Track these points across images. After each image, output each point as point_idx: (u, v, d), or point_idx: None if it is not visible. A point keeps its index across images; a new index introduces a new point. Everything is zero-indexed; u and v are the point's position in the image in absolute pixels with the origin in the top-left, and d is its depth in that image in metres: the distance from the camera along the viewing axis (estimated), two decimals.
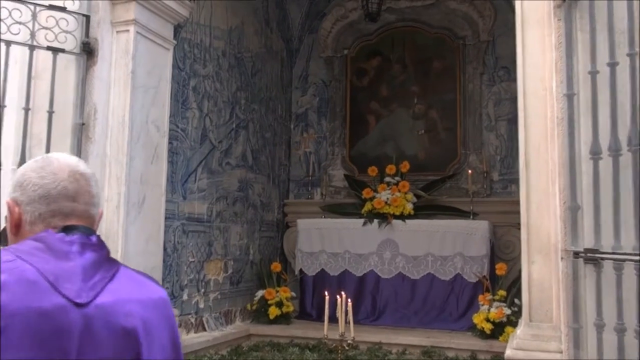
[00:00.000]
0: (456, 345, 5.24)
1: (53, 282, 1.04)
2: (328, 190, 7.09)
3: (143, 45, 4.10)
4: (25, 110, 3.54)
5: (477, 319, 5.39)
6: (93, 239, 1.14)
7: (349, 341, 3.90)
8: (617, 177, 2.39)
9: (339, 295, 3.94)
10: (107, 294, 1.09)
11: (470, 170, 6.53)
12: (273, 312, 5.92)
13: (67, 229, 1.14)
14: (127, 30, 3.99)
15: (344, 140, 7.29)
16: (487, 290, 5.64)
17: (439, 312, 5.97)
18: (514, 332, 3.48)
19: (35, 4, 3.54)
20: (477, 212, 6.29)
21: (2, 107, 3.40)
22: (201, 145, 5.48)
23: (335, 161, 7.29)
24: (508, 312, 5.30)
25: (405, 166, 6.68)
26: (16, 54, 3.56)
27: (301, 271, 6.46)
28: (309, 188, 7.27)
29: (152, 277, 1.25)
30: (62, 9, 3.67)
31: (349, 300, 3.93)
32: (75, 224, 1.15)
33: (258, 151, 6.62)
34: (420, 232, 6.14)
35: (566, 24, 2.76)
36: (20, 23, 3.47)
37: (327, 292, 4.15)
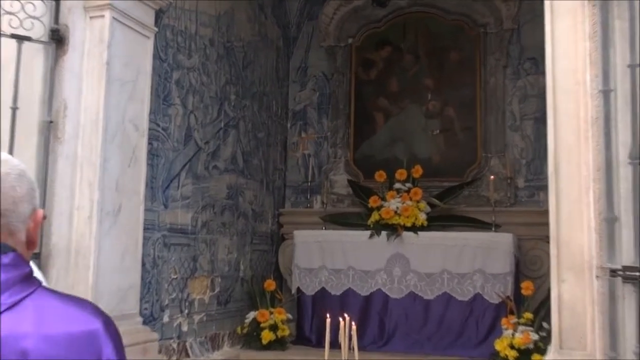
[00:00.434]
0: None
1: None
2: (329, 198, 7.10)
3: (120, 33, 4.11)
4: None
5: (500, 346, 5.38)
6: (5, 260, 1.06)
7: None
8: None
9: (341, 318, 3.93)
10: None
11: (491, 176, 6.53)
12: (266, 336, 5.91)
13: None
14: (102, 16, 4.00)
15: (348, 141, 7.30)
16: (511, 312, 5.64)
17: (456, 337, 5.96)
18: None
19: None
20: (499, 223, 6.29)
21: None
22: (185, 146, 5.49)
23: (337, 165, 7.29)
24: (535, 337, 5.29)
25: (417, 171, 6.69)
26: None
27: (298, 290, 6.45)
28: (308, 195, 7.27)
29: (91, 304, 1.14)
30: None
31: (353, 323, 3.92)
32: None
33: (250, 153, 6.62)
34: (435, 246, 6.14)
35: (602, 11, 2.77)
36: None
37: (328, 314, 4.13)
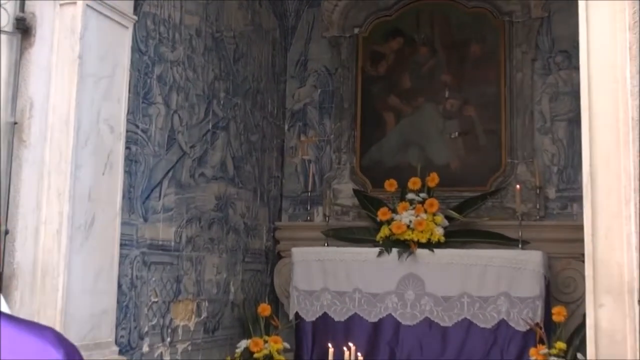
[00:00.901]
0: None
1: None
2: (332, 210, 7.09)
3: (94, 23, 4.12)
4: None
5: None
6: None
7: None
8: None
9: (346, 348, 3.94)
10: None
11: (518, 185, 6.53)
12: None
13: None
14: (74, 3, 4.00)
15: (354, 145, 7.30)
16: (540, 341, 5.62)
17: None
18: None
19: None
20: (527, 239, 6.28)
21: None
22: (168, 151, 5.50)
23: (341, 172, 7.30)
24: None
25: (433, 179, 6.68)
26: None
27: (297, 315, 6.44)
28: (308, 207, 7.27)
29: (52, 332, 1.13)
30: None
31: (359, 354, 3.93)
32: None
33: (242, 159, 6.63)
34: (453, 266, 6.13)
35: None
36: None
37: (330, 343, 4.14)
